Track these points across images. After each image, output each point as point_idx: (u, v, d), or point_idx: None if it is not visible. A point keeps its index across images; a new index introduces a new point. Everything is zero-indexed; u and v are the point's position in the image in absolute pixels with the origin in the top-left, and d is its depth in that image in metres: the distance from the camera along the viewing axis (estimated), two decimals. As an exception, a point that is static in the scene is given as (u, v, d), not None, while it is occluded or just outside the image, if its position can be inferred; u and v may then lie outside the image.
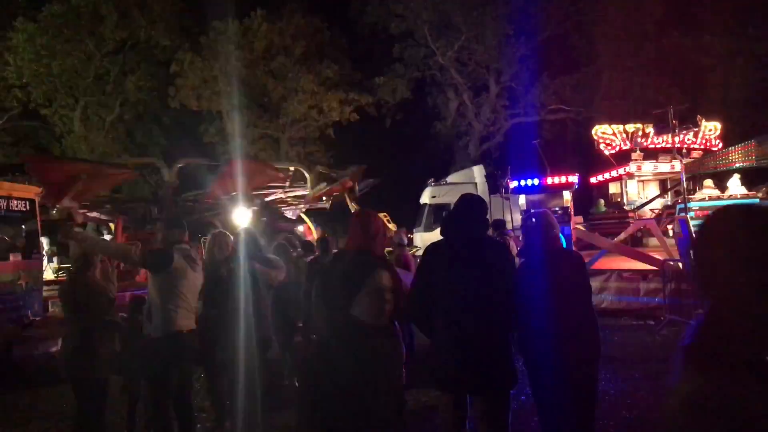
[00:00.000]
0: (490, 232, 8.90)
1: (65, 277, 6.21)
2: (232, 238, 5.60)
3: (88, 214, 15.09)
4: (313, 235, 18.58)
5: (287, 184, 17.21)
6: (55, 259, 18.95)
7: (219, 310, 5.02)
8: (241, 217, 14.84)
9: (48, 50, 25.97)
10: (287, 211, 18.35)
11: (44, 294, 10.27)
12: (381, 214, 18.47)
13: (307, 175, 17.50)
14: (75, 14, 26.15)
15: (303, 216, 19.08)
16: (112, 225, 16.43)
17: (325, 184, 17.63)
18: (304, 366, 3.89)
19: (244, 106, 28.25)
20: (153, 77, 29.16)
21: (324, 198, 18.41)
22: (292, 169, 17.73)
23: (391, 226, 17.82)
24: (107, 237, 16.32)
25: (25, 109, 27.61)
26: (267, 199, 17.39)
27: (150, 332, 4.77)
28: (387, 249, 5.98)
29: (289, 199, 18.11)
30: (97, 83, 28.26)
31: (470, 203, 3.74)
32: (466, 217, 3.67)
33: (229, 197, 15.09)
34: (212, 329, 5.02)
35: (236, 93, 27.23)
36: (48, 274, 14.79)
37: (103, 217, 16.04)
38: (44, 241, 16.70)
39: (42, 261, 11.82)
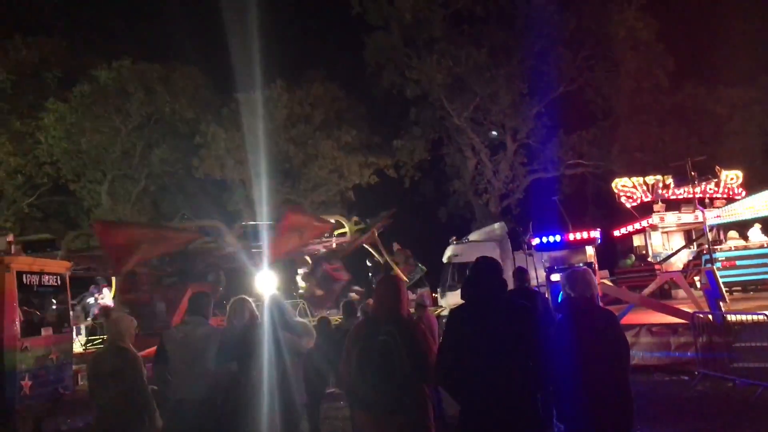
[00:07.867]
0: (511, 285, 8.82)
1: (101, 349, 6.28)
2: (252, 303, 5.62)
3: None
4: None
5: (328, 235, 17.55)
6: (83, 330, 18.96)
7: (242, 379, 5.02)
8: (266, 279, 14.96)
9: (77, 128, 26.83)
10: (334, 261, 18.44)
11: (74, 367, 10.33)
12: (403, 250, 18.95)
13: (346, 225, 17.86)
14: (103, 93, 27.12)
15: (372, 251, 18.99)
16: None
17: (359, 234, 18.01)
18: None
19: (267, 173, 28.78)
20: (177, 149, 29.89)
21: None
22: (332, 220, 18.10)
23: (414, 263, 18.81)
24: None
25: (54, 184, 28.46)
26: (312, 250, 17.66)
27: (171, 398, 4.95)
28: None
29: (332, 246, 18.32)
30: (124, 157, 29.00)
31: (485, 265, 3.79)
32: (482, 280, 3.73)
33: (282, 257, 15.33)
34: (236, 399, 5.03)
35: (259, 161, 27.83)
36: (76, 347, 14.82)
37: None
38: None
39: (72, 334, 11.91)
